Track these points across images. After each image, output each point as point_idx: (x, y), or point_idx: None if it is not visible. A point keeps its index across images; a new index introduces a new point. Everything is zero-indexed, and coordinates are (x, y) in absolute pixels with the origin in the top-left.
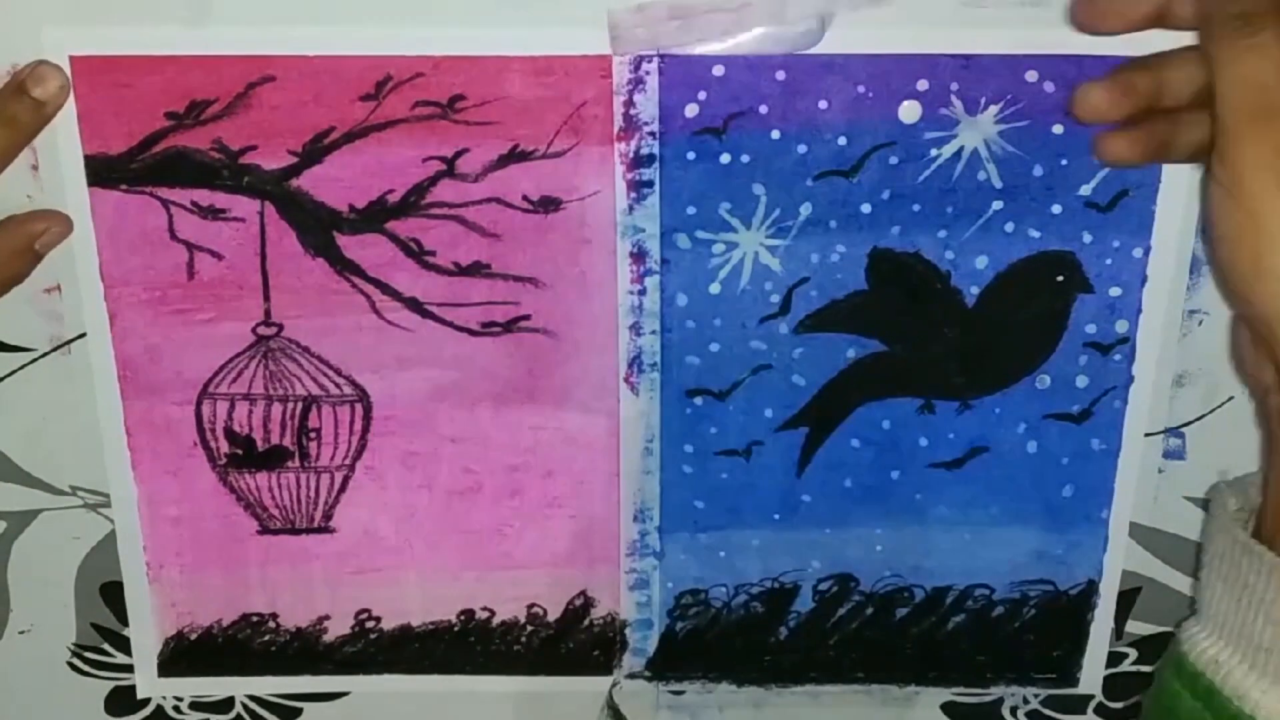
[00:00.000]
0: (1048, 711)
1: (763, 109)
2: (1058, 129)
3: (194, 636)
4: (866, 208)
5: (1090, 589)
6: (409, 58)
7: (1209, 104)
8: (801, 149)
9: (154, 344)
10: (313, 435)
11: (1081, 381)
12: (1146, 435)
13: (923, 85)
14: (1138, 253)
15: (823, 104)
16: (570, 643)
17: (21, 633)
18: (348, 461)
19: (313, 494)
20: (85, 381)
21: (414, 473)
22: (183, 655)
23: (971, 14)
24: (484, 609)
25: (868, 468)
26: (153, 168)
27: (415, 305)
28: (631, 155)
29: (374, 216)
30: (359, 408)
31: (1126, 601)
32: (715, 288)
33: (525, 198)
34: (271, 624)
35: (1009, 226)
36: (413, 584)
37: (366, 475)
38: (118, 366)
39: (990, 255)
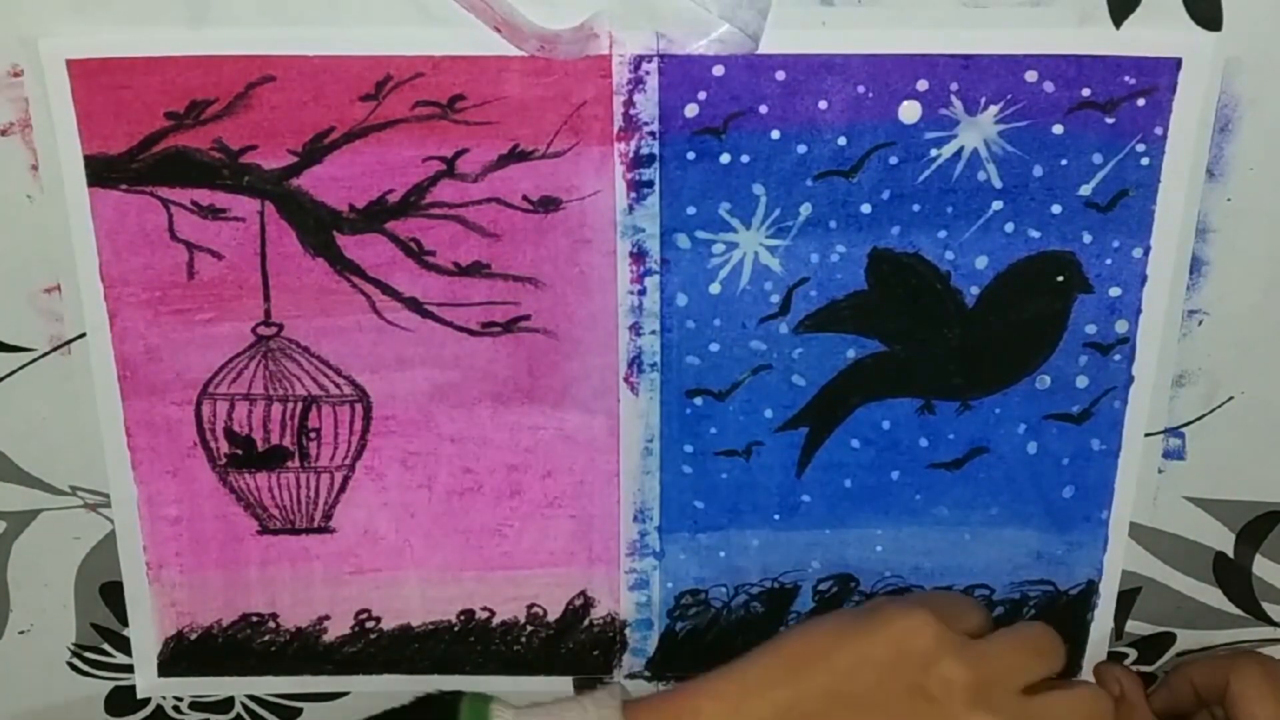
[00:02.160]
0: None
1: (763, 109)
2: (1058, 129)
3: (194, 636)
4: (866, 208)
5: (1090, 589)
6: (409, 58)
7: None
8: (801, 149)
9: (154, 344)
10: (313, 435)
11: (1081, 382)
12: (1146, 435)
13: (923, 85)
14: (1138, 253)
15: (823, 104)
16: (570, 643)
17: (21, 633)
18: (348, 461)
19: (313, 494)
20: (85, 381)
21: (414, 473)
22: (183, 655)
23: (971, 14)
24: (484, 609)
25: (868, 468)
26: (153, 167)
27: (415, 305)
28: (631, 155)
29: (374, 216)
30: (359, 408)
31: (1126, 601)
32: (715, 288)
33: (525, 198)
34: (271, 624)
35: (1009, 226)
36: (413, 584)
37: (366, 475)
38: (118, 366)
39: (990, 255)
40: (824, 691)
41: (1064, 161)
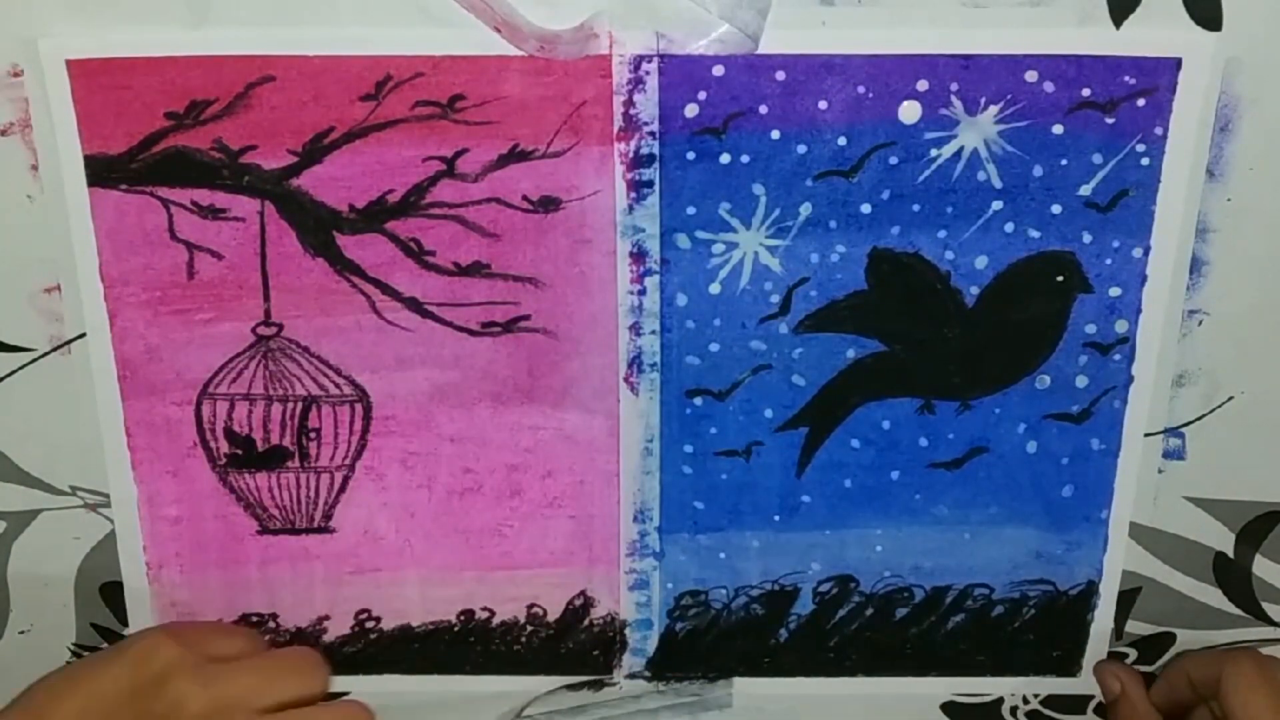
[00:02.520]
0: (1048, 711)
1: (763, 109)
2: (1058, 129)
3: None
4: (866, 208)
5: (1090, 589)
6: (409, 58)
7: None
8: (801, 149)
9: (154, 344)
10: (313, 435)
11: (1081, 381)
12: (1146, 435)
13: (923, 85)
14: (1137, 253)
15: (823, 104)
16: (570, 643)
17: (21, 633)
18: (347, 461)
19: (313, 494)
20: (85, 381)
21: (414, 473)
22: None
23: (971, 14)
24: (484, 609)
25: (868, 468)
26: (153, 167)
27: (415, 305)
28: (631, 155)
29: (374, 216)
30: (359, 408)
31: (1126, 601)
32: (715, 288)
33: (525, 198)
34: (271, 624)
35: (1009, 226)
36: (413, 584)
37: (366, 475)
38: (118, 366)
39: (990, 255)
40: None
41: (1064, 161)
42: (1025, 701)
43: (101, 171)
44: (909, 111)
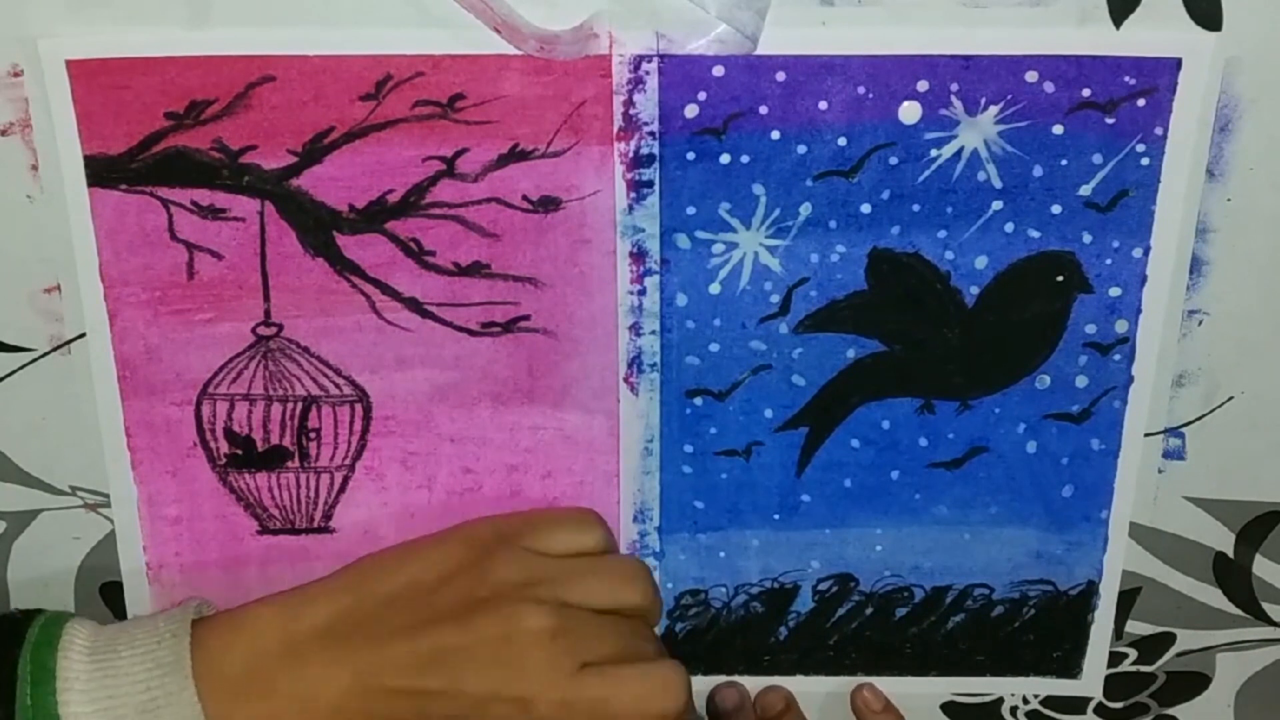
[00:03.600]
0: (1048, 711)
1: (763, 109)
2: (1058, 129)
3: None
4: (866, 208)
5: (1090, 589)
6: (409, 57)
7: None
8: (801, 149)
9: (154, 344)
10: (312, 435)
11: (1081, 381)
12: (1146, 435)
13: (923, 85)
14: (1137, 253)
15: (823, 104)
16: None
17: None
18: (347, 461)
19: (312, 494)
20: (85, 381)
21: (414, 473)
22: None
23: (971, 14)
24: None
25: (868, 468)
26: (153, 168)
27: (415, 305)
28: (631, 155)
29: (374, 216)
30: (359, 408)
31: (1126, 601)
32: (715, 288)
33: (525, 197)
34: None
35: (1009, 226)
36: None
37: (366, 475)
38: (117, 366)
39: (990, 255)
40: (384, 597)
41: (1064, 161)
42: (1025, 702)
43: (101, 172)
44: (909, 112)
